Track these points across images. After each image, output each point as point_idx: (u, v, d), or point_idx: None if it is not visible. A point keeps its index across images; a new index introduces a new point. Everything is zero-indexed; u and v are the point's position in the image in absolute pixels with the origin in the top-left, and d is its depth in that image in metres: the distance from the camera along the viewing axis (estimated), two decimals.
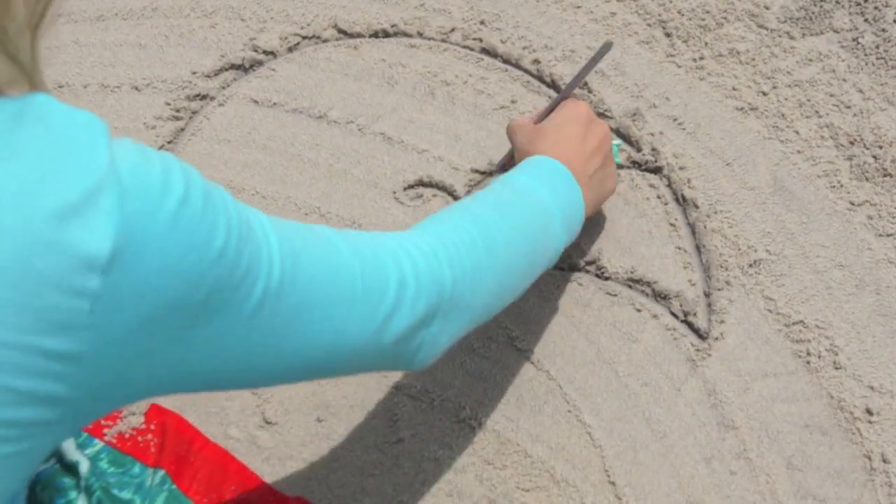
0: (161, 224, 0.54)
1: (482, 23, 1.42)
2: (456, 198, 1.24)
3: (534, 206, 0.93)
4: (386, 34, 1.42)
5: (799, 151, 1.29)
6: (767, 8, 1.42)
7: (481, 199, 0.90)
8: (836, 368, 1.12)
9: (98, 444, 1.04)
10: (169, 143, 1.30)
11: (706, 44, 1.39)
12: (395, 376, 1.10)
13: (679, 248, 1.21)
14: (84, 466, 1.00)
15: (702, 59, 1.38)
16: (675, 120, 1.32)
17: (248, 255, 0.60)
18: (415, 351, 0.78)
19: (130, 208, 0.53)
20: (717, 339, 1.14)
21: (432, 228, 0.83)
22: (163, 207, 0.54)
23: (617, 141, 1.23)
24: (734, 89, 1.35)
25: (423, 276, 0.76)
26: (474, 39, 1.40)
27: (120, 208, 0.52)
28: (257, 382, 0.68)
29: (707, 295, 1.17)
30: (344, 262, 0.70)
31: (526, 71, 1.37)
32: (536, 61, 1.38)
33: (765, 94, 1.34)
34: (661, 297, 1.17)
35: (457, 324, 0.82)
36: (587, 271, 1.19)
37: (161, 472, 1.02)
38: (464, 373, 1.11)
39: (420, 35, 1.41)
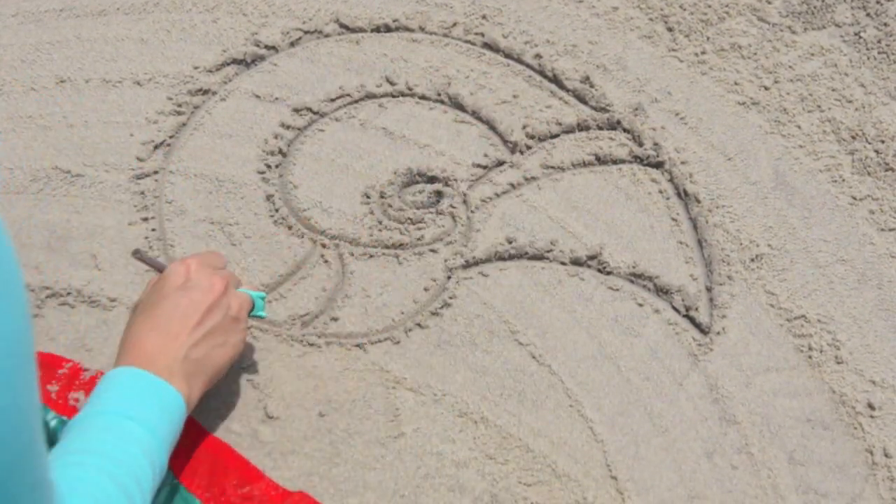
0: None
1: (484, 17, 1.42)
2: (457, 190, 1.24)
3: (139, 452, 0.85)
4: (388, 29, 1.42)
5: (801, 146, 1.29)
6: (769, 2, 1.42)
7: (96, 467, 0.83)
8: (838, 363, 1.12)
9: None
10: (171, 137, 1.30)
11: (708, 38, 1.39)
12: (397, 371, 1.10)
13: (681, 243, 1.21)
14: None
15: (704, 53, 1.38)
16: (676, 114, 1.32)
17: None
18: None
19: None
20: (718, 333, 1.14)
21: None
22: None
23: (260, 293, 1.06)
24: (736, 84, 1.35)
25: None
26: (476, 34, 1.40)
27: None
28: None
29: (709, 290, 1.17)
30: None
31: (528, 66, 1.37)
32: (538, 56, 1.37)
33: (767, 88, 1.34)
34: (662, 291, 1.17)
35: None
36: (589, 266, 1.19)
37: None
38: (466, 367, 1.11)
39: (422, 30, 1.41)
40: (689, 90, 1.34)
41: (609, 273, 1.18)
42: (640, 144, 1.29)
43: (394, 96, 1.35)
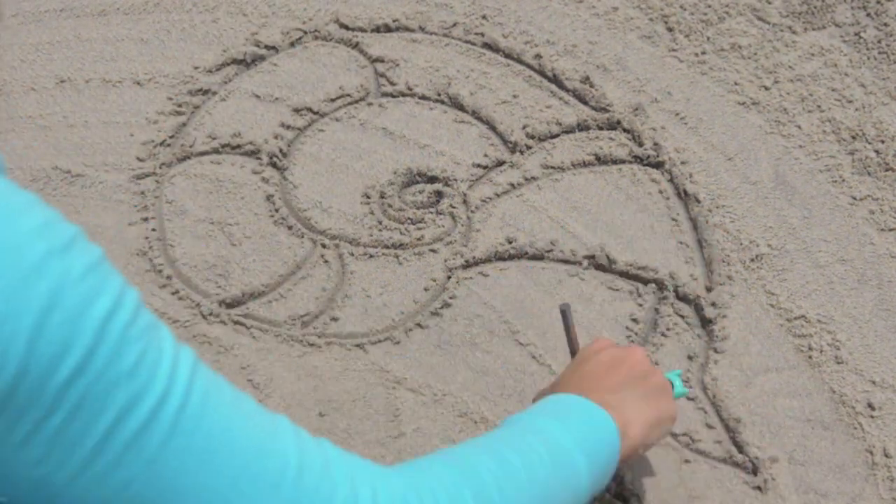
0: (21, 268, 0.47)
1: (484, 17, 1.42)
2: (457, 190, 1.24)
3: (536, 442, 0.78)
4: (388, 29, 1.42)
5: (801, 146, 1.29)
6: (769, 2, 1.42)
7: (473, 441, 0.78)
8: (838, 363, 1.12)
9: None
10: (171, 137, 1.30)
11: (708, 38, 1.39)
12: (397, 371, 1.10)
13: (681, 243, 1.21)
14: None
15: (704, 53, 1.38)
16: (677, 115, 1.32)
17: (138, 352, 0.51)
18: None
19: None
20: (719, 333, 1.14)
21: (408, 471, 0.69)
22: (28, 252, 0.48)
23: (675, 371, 1.02)
24: (736, 84, 1.35)
25: None
26: (476, 34, 1.40)
27: None
28: None
29: (709, 290, 1.17)
30: (278, 443, 0.59)
31: (528, 66, 1.37)
32: (538, 56, 1.37)
33: (767, 88, 1.34)
34: (662, 291, 1.17)
35: None
36: (589, 266, 1.19)
37: None
38: (466, 367, 1.11)
39: (422, 30, 1.41)
40: (689, 90, 1.34)
41: (609, 273, 1.18)
42: (640, 144, 1.29)
43: (394, 96, 1.35)
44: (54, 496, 0.52)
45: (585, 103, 1.33)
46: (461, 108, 1.33)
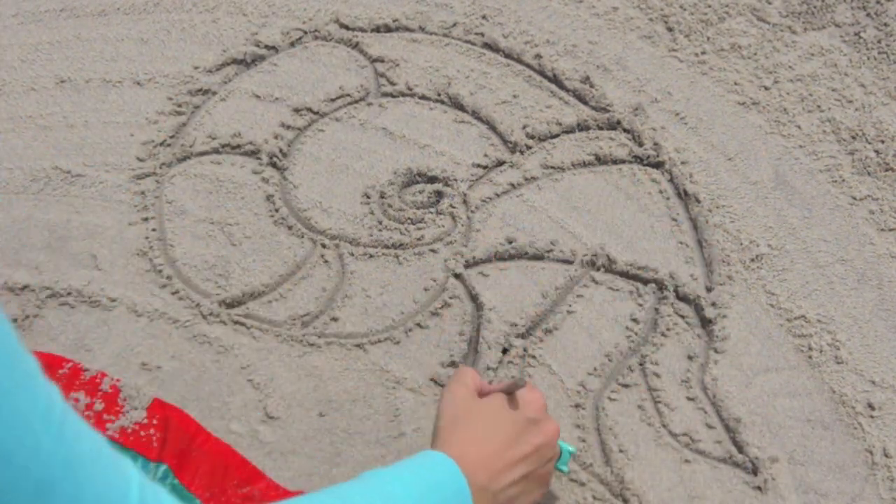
0: None
1: (484, 17, 1.42)
2: (457, 190, 1.24)
3: None
4: (388, 29, 1.42)
5: (801, 146, 1.29)
6: (769, 2, 1.42)
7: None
8: (838, 363, 1.12)
9: None
10: (171, 137, 1.30)
11: (708, 38, 1.39)
12: (397, 371, 1.10)
13: (681, 243, 1.21)
14: None
15: (704, 53, 1.38)
16: (677, 115, 1.32)
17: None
18: None
19: None
20: (719, 333, 1.14)
21: None
22: None
23: (571, 447, 0.99)
24: (736, 84, 1.35)
25: None
26: (476, 34, 1.40)
27: None
28: None
29: (709, 290, 1.17)
30: None
31: (528, 66, 1.37)
32: (538, 56, 1.37)
33: (767, 88, 1.34)
34: (663, 291, 1.17)
35: None
36: (589, 266, 1.19)
37: (163, 467, 1.02)
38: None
39: (422, 30, 1.41)
40: (689, 90, 1.34)
41: (609, 273, 1.18)
42: (640, 144, 1.29)
43: (394, 96, 1.35)
44: None
45: (585, 103, 1.33)
46: (461, 108, 1.33)
